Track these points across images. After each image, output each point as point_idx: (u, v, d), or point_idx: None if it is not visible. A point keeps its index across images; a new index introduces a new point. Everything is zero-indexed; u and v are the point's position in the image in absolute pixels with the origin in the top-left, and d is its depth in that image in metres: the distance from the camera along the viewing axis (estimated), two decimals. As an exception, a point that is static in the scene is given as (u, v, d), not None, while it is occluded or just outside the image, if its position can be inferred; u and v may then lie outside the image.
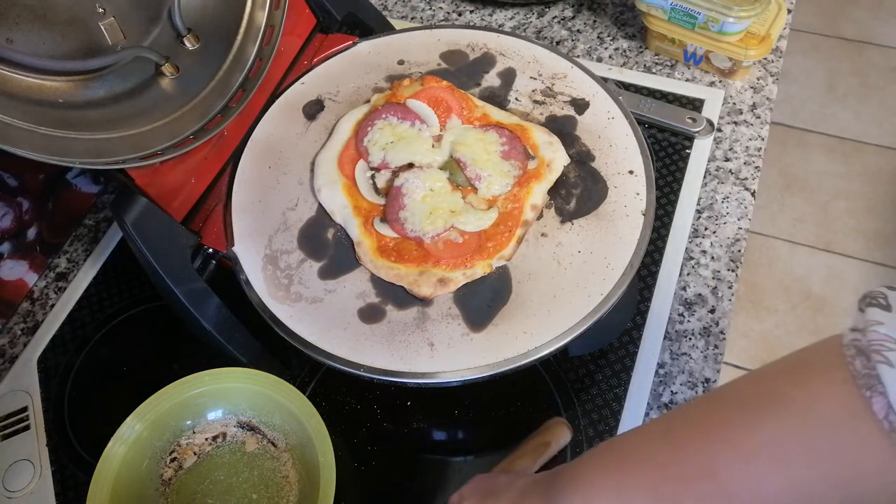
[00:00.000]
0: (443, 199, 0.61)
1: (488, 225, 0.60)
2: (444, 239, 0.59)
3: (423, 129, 0.65)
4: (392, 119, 0.65)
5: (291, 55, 0.74)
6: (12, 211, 0.75)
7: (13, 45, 0.54)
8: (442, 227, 0.59)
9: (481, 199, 0.62)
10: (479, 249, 0.59)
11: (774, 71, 0.86)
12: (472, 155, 0.62)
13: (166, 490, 0.61)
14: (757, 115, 0.83)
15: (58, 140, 0.53)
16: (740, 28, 0.79)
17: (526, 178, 0.62)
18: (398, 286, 0.59)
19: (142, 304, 0.76)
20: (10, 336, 0.76)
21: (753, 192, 0.77)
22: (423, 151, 0.63)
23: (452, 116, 0.66)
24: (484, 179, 0.61)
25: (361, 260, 0.60)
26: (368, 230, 0.61)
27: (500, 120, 0.66)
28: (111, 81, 0.60)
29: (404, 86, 0.68)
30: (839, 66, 2.07)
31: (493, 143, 0.63)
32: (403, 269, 0.58)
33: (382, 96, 0.68)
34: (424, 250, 0.59)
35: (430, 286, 0.57)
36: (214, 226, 0.65)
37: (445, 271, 0.58)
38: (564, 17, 0.95)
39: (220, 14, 0.67)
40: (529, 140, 0.64)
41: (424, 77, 0.69)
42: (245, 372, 0.61)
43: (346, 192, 0.63)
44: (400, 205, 0.60)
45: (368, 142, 0.64)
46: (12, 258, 0.77)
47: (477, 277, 0.58)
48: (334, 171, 0.64)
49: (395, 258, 0.59)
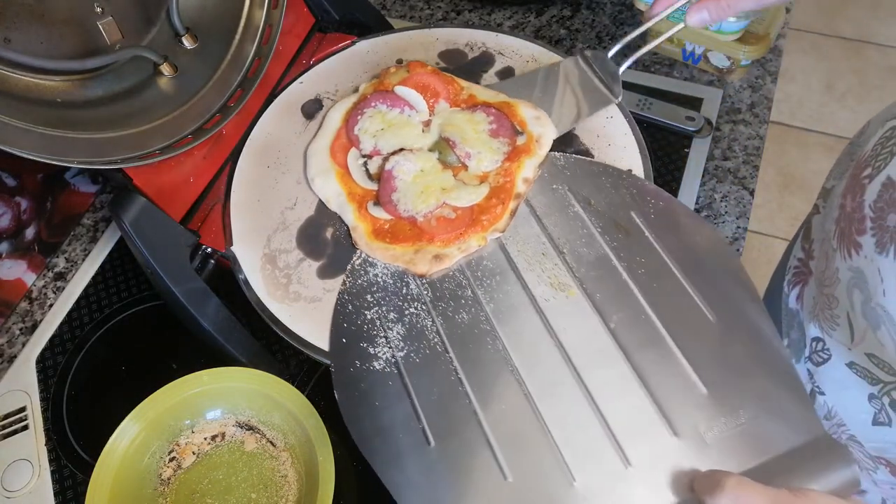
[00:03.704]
0: (434, 177, 0.61)
1: (480, 199, 0.60)
2: (437, 216, 0.60)
3: (413, 114, 0.66)
4: (381, 107, 0.66)
5: (290, 54, 0.74)
6: (10, 210, 0.75)
7: (11, 44, 0.54)
8: (434, 205, 0.60)
9: (472, 176, 0.62)
10: (472, 223, 0.59)
11: (773, 70, 0.86)
12: (460, 134, 0.63)
13: (165, 489, 0.61)
14: (755, 115, 0.83)
15: (56, 139, 0.53)
16: (739, 27, 0.79)
17: (516, 153, 0.62)
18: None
19: (140, 303, 0.76)
20: (8, 336, 0.76)
21: (752, 192, 0.77)
22: (413, 136, 0.64)
23: (440, 101, 0.67)
24: (474, 157, 0.62)
25: (357, 244, 0.60)
26: (363, 215, 0.61)
27: (486, 99, 0.67)
28: (109, 81, 0.60)
29: (391, 73, 0.69)
30: (838, 65, 2.07)
31: (481, 123, 0.64)
32: (399, 249, 0.59)
33: (370, 84, 0.69)
34: (418, 229, 0.59)
35: (426, 263, 0.58)
36: (213, 225, 0.65)
37: (440, 248, 0.58)
38: (563, 16, 0.95)
39: (219, 13, 0.67)
40: (517, 117, 0.65)
41: (410, 63, 0.69)
42: (244, 371, 0.61)
43: (340, 180, 0.63)
44: (392, 187, 0.61)
45: (359, 130, 0.65)
46: (11, 258, 0.76)
47: (472, 251, 0.59)
48: (326, 160, 0.65)
49: (390, 239, 0.59)
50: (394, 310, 0.56)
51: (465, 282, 0.57)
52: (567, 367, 0.52)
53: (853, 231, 0.57)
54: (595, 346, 0.53)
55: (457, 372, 0.52)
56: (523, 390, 0.51)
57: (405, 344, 0.54)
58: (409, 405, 0.51)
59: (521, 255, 0.58)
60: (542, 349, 0.53)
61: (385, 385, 0.52)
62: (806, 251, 0.72)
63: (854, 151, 0.70)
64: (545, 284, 0.56)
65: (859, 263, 0.56)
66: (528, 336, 0.54)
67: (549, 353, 0.53)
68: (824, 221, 0.67)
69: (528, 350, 0.53)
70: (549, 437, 0.49)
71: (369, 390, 0.52)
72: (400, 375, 0.53)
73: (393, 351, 0.54)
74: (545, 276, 0.57)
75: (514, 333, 0.54)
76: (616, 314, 0.54)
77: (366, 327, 0.56)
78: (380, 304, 0.57)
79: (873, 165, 0.56)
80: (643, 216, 0.58)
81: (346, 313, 0.57)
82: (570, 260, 0.57)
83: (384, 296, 0.57)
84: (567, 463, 0.48)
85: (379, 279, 0.58)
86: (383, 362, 0.54)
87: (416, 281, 0.58)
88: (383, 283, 0.58)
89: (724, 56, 0.83)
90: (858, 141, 0.71)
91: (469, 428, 0.50)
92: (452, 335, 0.54)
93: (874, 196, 0.55)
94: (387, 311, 0.56)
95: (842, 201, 0.61)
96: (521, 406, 0.51)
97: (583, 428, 0.49)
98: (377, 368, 0.53)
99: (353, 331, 0.56)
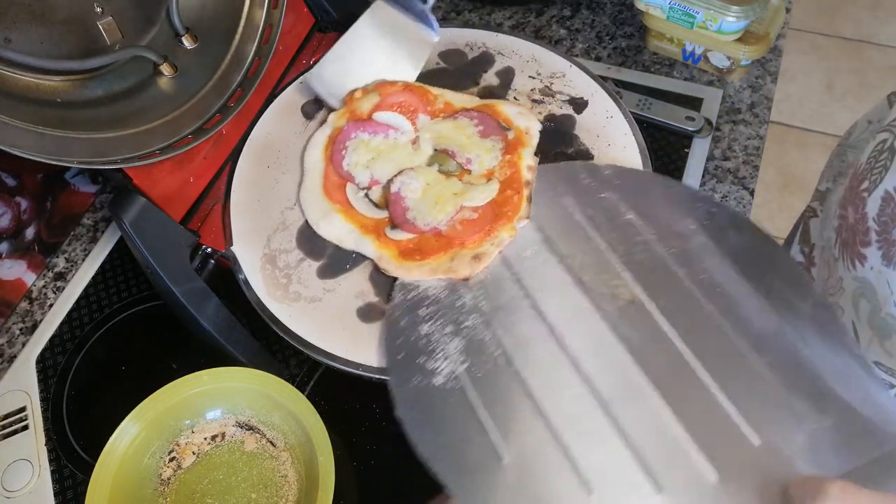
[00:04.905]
0: (442, 187, 0.61)
1: (495, 194, 0.60)
2: (459, 220, 0.60)
3: (399, 136, 0.65)
4: (363, 135, 0.64)
5: (290, 54, 0.74)
6: (10, 210, 0.75)
7: (11, 44, 0.54)
8: (452, 211, 0.59)
9: (478, 176, 0.62)
10: (496, 217, 0.59)
11: (773, 70, 0.86)
12: (454, 143, 0.63)
13: (165, 489, 0.61)
14: (755, 115, 0.83)
15: (56, 139, 0.53)
16: (739, 27, 0.79)
17: (511, 146, 0.63)
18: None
19: (140, 303, 0.76)
20: (8, 336, 0.76)
21: (752, 192, 0.77)
22: (406, 157, 0.63)
23: (419, 115, 0.66)
24: (474, 160, 0.62)
25: (390, 272, 0.58)
26: (384, 242, 0.60)
27: (462, 104, 0.67)
28: (109, 81, 0.60)
29: (357, 98, 0.67)
30: (838, 65, 2.07)
31: (468, 127, 0.64)
32: (433, 262, 0.58)
33: (340, 114, 0.67)
34: (445, 238, 0.59)
35: (466, 266, 0.57)
36: (213, 225, 0.65)
37: (474, 248, 0.58)
38: (563, 16, 0.95)
39: (219, 13, 0.67)
40: (501, 115, 0.65)
41: (378, 86, 0.68)
42: (244, 371, 0.61)
43: (345, 216, 0.62)
44: (404, 207, 0.60)
45: (349, 165, 0.63)
46: (11, 258, 0.76)
47: (506, 244, 0.58)
48: (323, 202, 0.63)
49: (421, 256, 0.58)
50: (450, 323, 0.55)
51: (522, 293, 0.56)
52: (641, 376, 0.50)
53: (857, 242, 0.57)
54: (666, 353, 0.51)
55: (524, 384, 0.51)
56: (597, 398, 0.50)
57: (465, 357, 0.53)
58: (476, 420, 0.50)
59: (576, 263, 0.56)
60: (611, 358, 0.51)
61: (447, 400, 0.51)
62: (806, 255, 0.72)
63: (844, 153, 0.70)
64: (605, 292, 0.55)
65: (865, 274, 0.56)
66: (594, 345, 0.52)
67: (621, 361, 0.51)
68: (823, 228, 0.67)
69: (597, 359, 0.51)
70: (627, 446, 0.47)
71: (432, 406, 0.51)
72: (463, 390, 0.51)
73: (453, 365, 0.52)
74: (604, 284, 0.55)
75: (579, 343, 0.52)
76: (683, 320, 0.52)
77: (422, 342, 0.54)
78: (434, 318, 0.55)
79: (870, 179, 0.57)
80: (698, 222, 0.57)
81: (400, 328, 0.55)
82: (630, 267, 0.56)
83: (438, 309, 0.56)
84: (653, 471, 0.46)
85: (431, 293, 0.57)
86: (444, 377, 0.52)
87: (472, 293, 0.56)
88: (436, 296, 0.56)
89: (724, 56, 0.83)
90: (847, 142, 0.71)
91: (541, 442, 0.48)
92: (514, 347, 0.53)
93: (876, 210, 0.55)
94: (443, 325, 0.55)
95: (841, 212, 0.61)
96: (596, 415, 0.49)
97: (661, 435, 0.48)
98: (438, 384, 0.52)
99: (409, 346, 0.54)
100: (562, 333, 0.53)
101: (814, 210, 0.73)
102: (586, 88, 0.69)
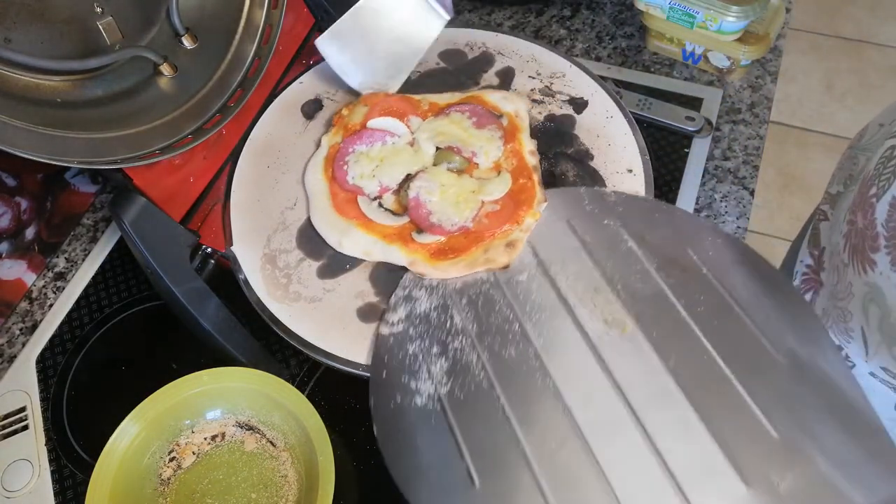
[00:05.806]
0: (458, 186, 0.61)
1: (510, 185, 0.61)
2: (484, 213, 0.60)
3: (396, 140, 0.65)
4: (361, 147, 0.64)
5: (290, 54, 0.74)
6: (10, 210, 0.75)
7: (11, 44, 0.54)
8: (476, 208, 0.60)
9: (487, 170, 0.63)
10: (519, 205, 0.60)
11: (773, 70, 0.86)
12: (454, 138, 0.64)
13: (165, 489, 0.61)
14: (755, 115, 0.83)
15: (56, 139, 0.53)
16: (739, 27, 0.79)
17: (509, 134, 0.64)
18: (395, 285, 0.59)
19: (140, 303, 0.76)
20: (8, 336, 0.76)
21: (752, 192, 0.77)
22: (410, 159, 0.63)
23: (410, 117, 0.66)
24: (479, 153, 0.63)
25: (426, 275, 0.58)
26: (413, 248, 0.59)
27: (448, 101, 0.67)
28: (109, 81, 0.60)
29: (345, 115, 0.67)
30: (838, 65, 2.07)
31: (462, 120, 0.65)
32: (468, 257, 0.58)
33: (333, 133, 0.67)
34: (475, 233, 0.59)
35: (503, 254, 0.58)
36: (213, 225, 0.65)
37: (504, 238, 0.59)
38: (563, 16, 0.95)
39: (218, 13, 0.67)
40: (488, 104, 0.66)
41: (364, 98, 0.68)
42: (244, 371, 0.61)
43: (365, 229, 0.61)
44: (426, 211, 0.60)
45: (354, 178, 0.63)
46: (11, 258, 0.76)
47: (533, 228, 0.59)
48: (339, 220, 0.62)
49: (454, 254, 0.59)
50: (437, 343, 0.55)
51: (511, 315, 0.55)
52: (624, 407, 0.49)
53: (866, 248, 0.57)
54: (653, 384, 0.50)
55: (504, 409, 0.50)
56: (575, 430, 0.49)
57: (449, 379, 0.52)
58: (453, 443, 0.49)
59: (571, 289, 0.56)
60: (595, 387, 0.51)
61: (427, 421, 0.51)
62: (815, 258, 0.72)
63: (855, 156, 0.70)
64: (598, 320, 0.54)
65: (875, 279, 0.56)
66: (580, 373, 0.51)
67: (604, 391, 0.50)
68: (832, 233, 0.67)
69: (581, 388, 0.51)
70: (604, 481, 0.47)
71: (411, 427, 0.51)
72: (443, 412, 0.51)
73: (436, 386, 0.52)
74: (598, 311, 0.54)
75: (565, 370, 0.52)
76: (675, 352, 0.51)
77: (408, 361, 0.54)
78: (423, 338, 0.55)
79: (878, 185, 0.57)
80: (700, 253, 0.56)
81: (388, 346, 0.55)
82: (625, 295, 0.55)
83: (427, 329, 0.55)
84: None
85: (421, 312, 0.57)
86: (426, 398, 0.52)
87: (461, 314, 0.56)
88: (426, 315, 0.56)
89: (724, 56, 0.83)
90: (858, 145, 0.71)
91: (516, 468, 0.48)
92: (499, 371, 0.52)
93: (884, 216, 0.55)
94: (430, 345, 0.54)
95: (851, 217, 0.61)
96: (574, 447, 0.48)
97: (642, 472, 0.47)
98: (419, 404, 0.52)
99: (394, 364, 0.54)
100: (547, 360, 0.52)
101: (824, 213, 0.73)
102: (586, 88, 0.69)
